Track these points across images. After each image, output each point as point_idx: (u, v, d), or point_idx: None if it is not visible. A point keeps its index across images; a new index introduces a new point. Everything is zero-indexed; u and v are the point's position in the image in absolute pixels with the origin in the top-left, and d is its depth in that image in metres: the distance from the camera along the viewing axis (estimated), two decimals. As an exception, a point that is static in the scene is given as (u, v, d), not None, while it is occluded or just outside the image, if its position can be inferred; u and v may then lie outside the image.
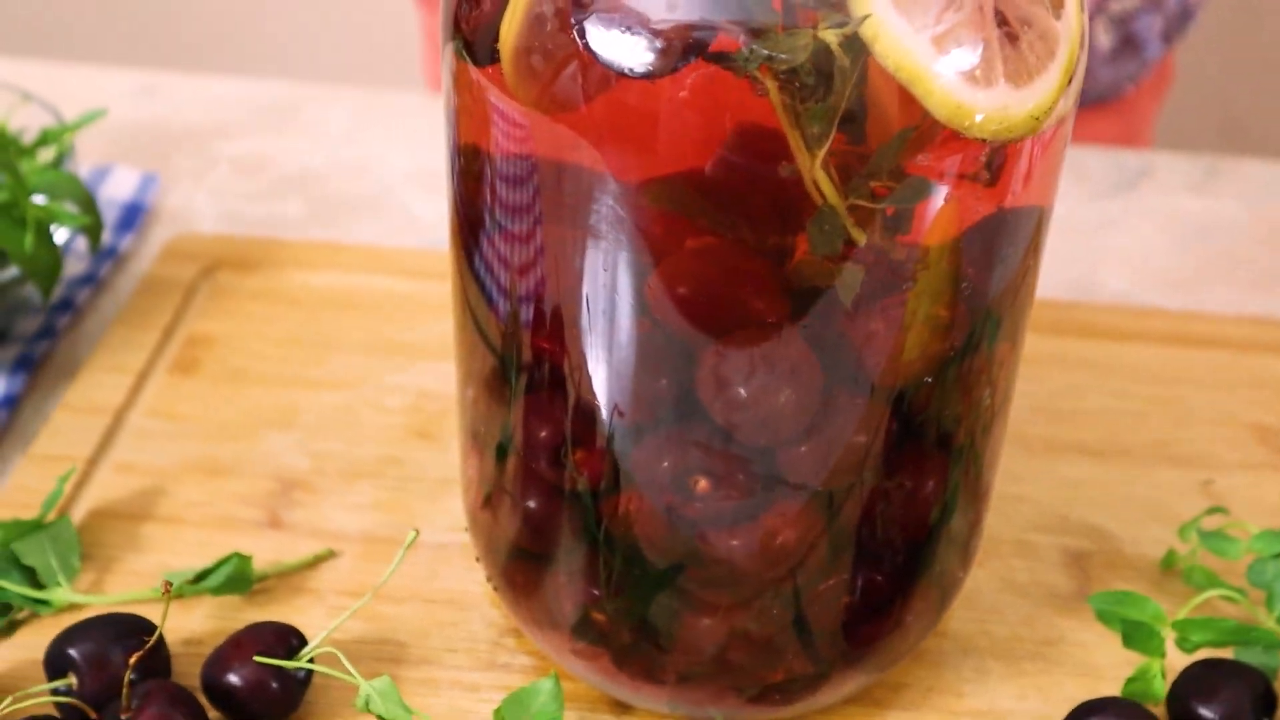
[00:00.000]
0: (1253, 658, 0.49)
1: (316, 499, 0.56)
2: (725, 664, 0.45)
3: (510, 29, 0.38)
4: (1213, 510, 0.54)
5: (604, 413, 0.42)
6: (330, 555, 0.54)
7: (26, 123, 0.69)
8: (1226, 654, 0.49)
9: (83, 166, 0.77)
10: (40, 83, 0.79)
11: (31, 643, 0.50)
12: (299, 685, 0.47)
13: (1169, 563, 0.54)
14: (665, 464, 0.41)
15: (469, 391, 0.47)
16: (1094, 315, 0.66)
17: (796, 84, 0.34)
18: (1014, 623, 0.52)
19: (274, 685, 0.46)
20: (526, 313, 0.42)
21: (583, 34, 0.37)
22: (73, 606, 0.51)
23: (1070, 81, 0.38)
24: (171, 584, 0.45)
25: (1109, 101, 0.89)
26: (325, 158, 0.81)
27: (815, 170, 0.35)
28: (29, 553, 0.52)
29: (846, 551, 0.44)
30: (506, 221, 0.41)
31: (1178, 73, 1.03)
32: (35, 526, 0.53)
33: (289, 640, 0.47)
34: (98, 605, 0.51)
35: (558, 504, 0.45)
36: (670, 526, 0.43)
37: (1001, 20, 0.36)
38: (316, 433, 0.59)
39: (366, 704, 0.43)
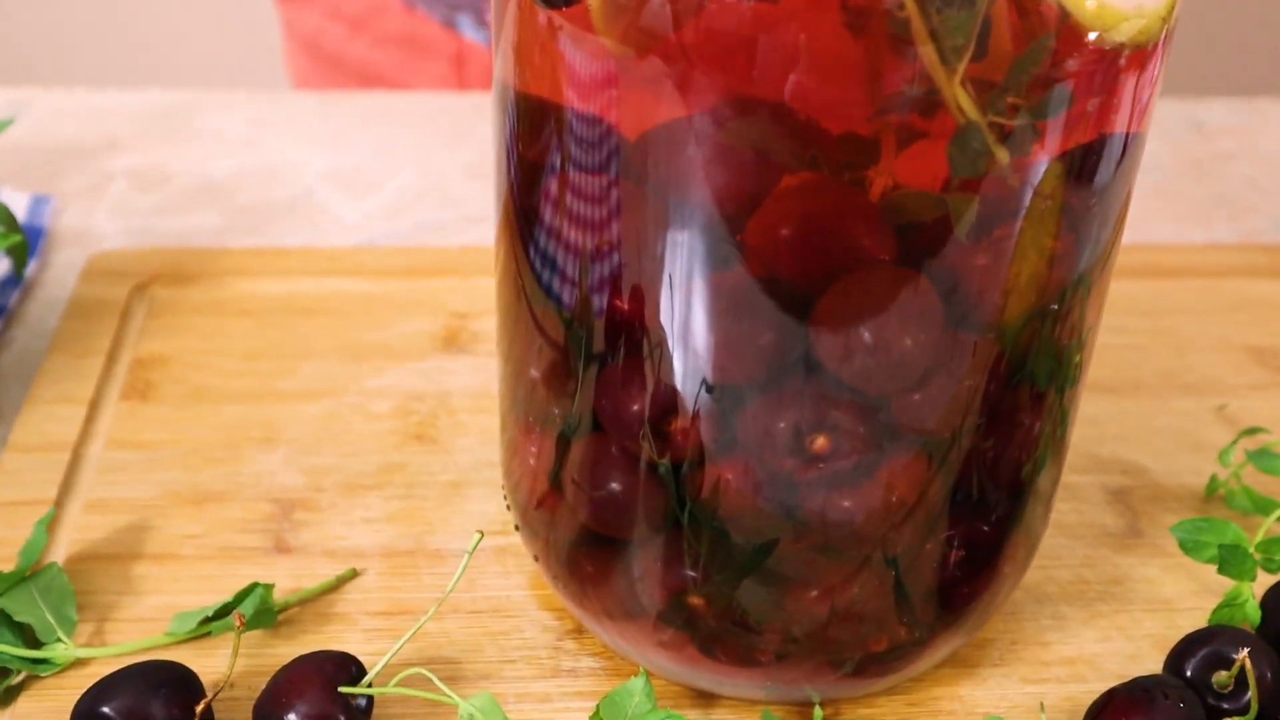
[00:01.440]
0: (1329, 573, 0.49)
1: (321, 517, 0.52)
2: (823, 639, 0.43)
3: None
4: (1249, 431, 0.53)
5: (699, 379, 0.38)
6: (353, 575, 0.50)
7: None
8: (1300, 571, 0.49)
9: (-36, 194, 0.70)
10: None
11: (39, 709, 0.44)
12: (362, 715, 0.43)
13: (1212, 489, 0.53)
14: (781, 425, 0.38)
15: (523, 381, 0.43)
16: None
17: (936, -6, 0.32)
18: (1076, 565, 0.51)
19: (341, 718, 0.42)
20: (603, 279, 0.39)
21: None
22: (78, 663, 0.46)
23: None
24: (244, 618, 0.41)
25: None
26: (230, 165, 0.76)
27: (955, 86, 0.33)
28: (20, 609, 0.46)
29: (949, 508, 0.41)
30: (580, 180, 0.38)
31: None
32: (20, 579, 0.47)
33: (349, 668, 0.43)
34: (104, 659, 0.46)
35: (638, 482, 0.41)
36: (775, 494, 0.40)
37: None
38: (305, 447, 0.55)
39: (468, 723, 0.39)
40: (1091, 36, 0.34)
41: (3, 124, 0.61)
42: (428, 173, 0.76)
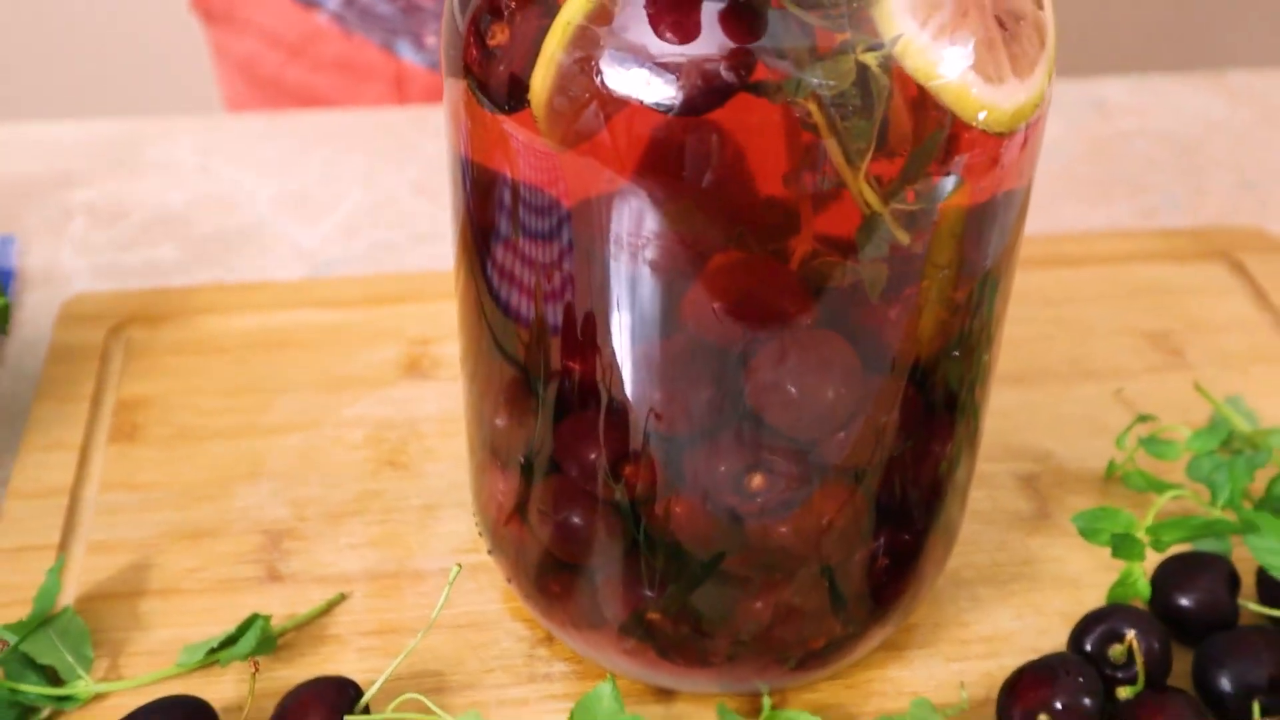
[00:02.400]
0: (1209, 546, 0.55)
1: (308, 545, 0.57)
2: (769, 640, 0.48)
3: (543, 82, 0.39)
4: (1142, 418, 0.59)
5: (646, 427, 0.44)
6: (342, 599, 0.54)
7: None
8: (1185, 548, 0.55)
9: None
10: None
11: (66, 742, 0.49)
12: (363, 734, 0.48)
13: (1110, 472, 0.59)
14: (722, 468, 0.43)
15: (487, 411, 0.48)
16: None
17: (841, 106, 0.37)
18: (991, 550, 0.57)
19: (345, 739, 0.47)
20: (555, 340, 0.44)
21: (606, 81, 0.38)
22: (98, 697, 0.51)
23: (1054, 62, 0.41)
24: (259, 663, 0.46)
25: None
26: (184, 195, 0.80)
27: (860, 182, 0.38)
28: (42, 651, 0.51)
29: (875, 520, 0.47)
30: (531, 249, 0.43)
31: None
32: (40, 623, 0.51)
33: (347, 692, 0.48)
34: (122, 691, 0.51)
35: (597, 515, 0.46)
36: (720, 523, 0.45)
37: (1000, 21, 0.39)
38: (288, 479, 0.59)
39: (461, 740, 0.45)
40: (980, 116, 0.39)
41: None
42: (376, 192, 0.80)
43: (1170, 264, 0.71)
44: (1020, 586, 0.55)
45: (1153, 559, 0.55)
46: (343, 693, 0.48)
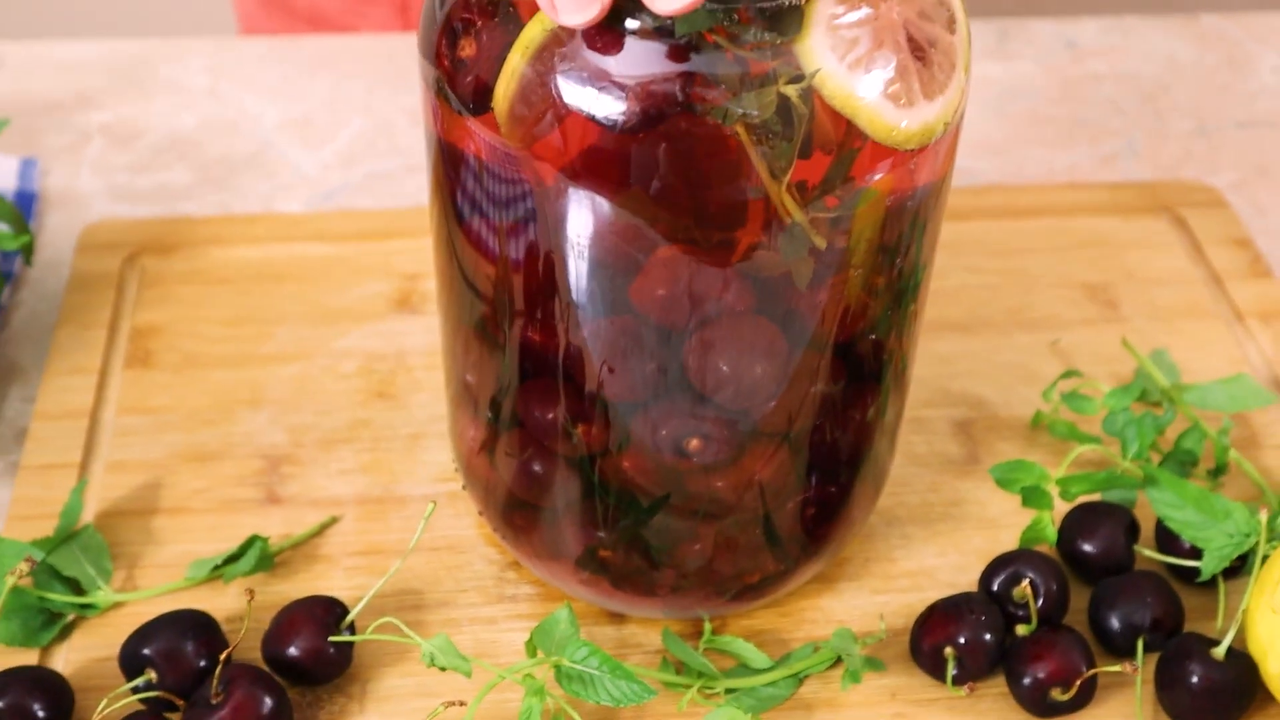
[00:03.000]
0: (1116, 497, 0.60)
1: (304, 470, 0.63)
2: (709, 574, 0.54)
3: (505, 91, 0.44)
4: (1067, 374, 0.64)
5: (598, 394, 0.49)
6: (333, 522, 0.61)
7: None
8: (1096, 498, 0.61)
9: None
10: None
11: (89, 644, 0.56)
12: (349, 647, 0.54)
13: (1036, 421, 0.65)
14: (663, 432, 0.49)
15: (459, 353, 0.53)
16: (939, 200, 0.76)
17: (765, 131, 0.42)
18: (922, 490, 0.63)
19: (331, 651, 0.53)
20: (515, 312, 0.49)
21: (562, 95, 0.43)
22: (116, 605, 0.57)
23: (967, 81, 0.46)
24: (254, 592, 0.52)
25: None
26: (195, 118, 0.84)
27: (781, 194, 0.43)
28: (66, 564, 0.57)
29: (805, 471, 0.53)
30: (489, 230, 0.48)
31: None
32: (65, 538, 0.58)
33: (334, 610, 0.54)
34: (137, 600, 0.57)
35: (555, 464, 0.52)
36: (662, 475, 0.51)
37: (912, 46, 0.44)
38: (286, 407, 0.65)
39: (431, 660, 0.51)
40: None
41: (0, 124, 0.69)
42: (376, 120, 0.85)
43: (1116, 217, 0.76)
44: (946, 526, 0.61)
45: (1067, 507, 0.61)
46: (330, 610, 0.54)
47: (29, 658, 0.55)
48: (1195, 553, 0.57)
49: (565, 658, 0.52)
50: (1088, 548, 0.58)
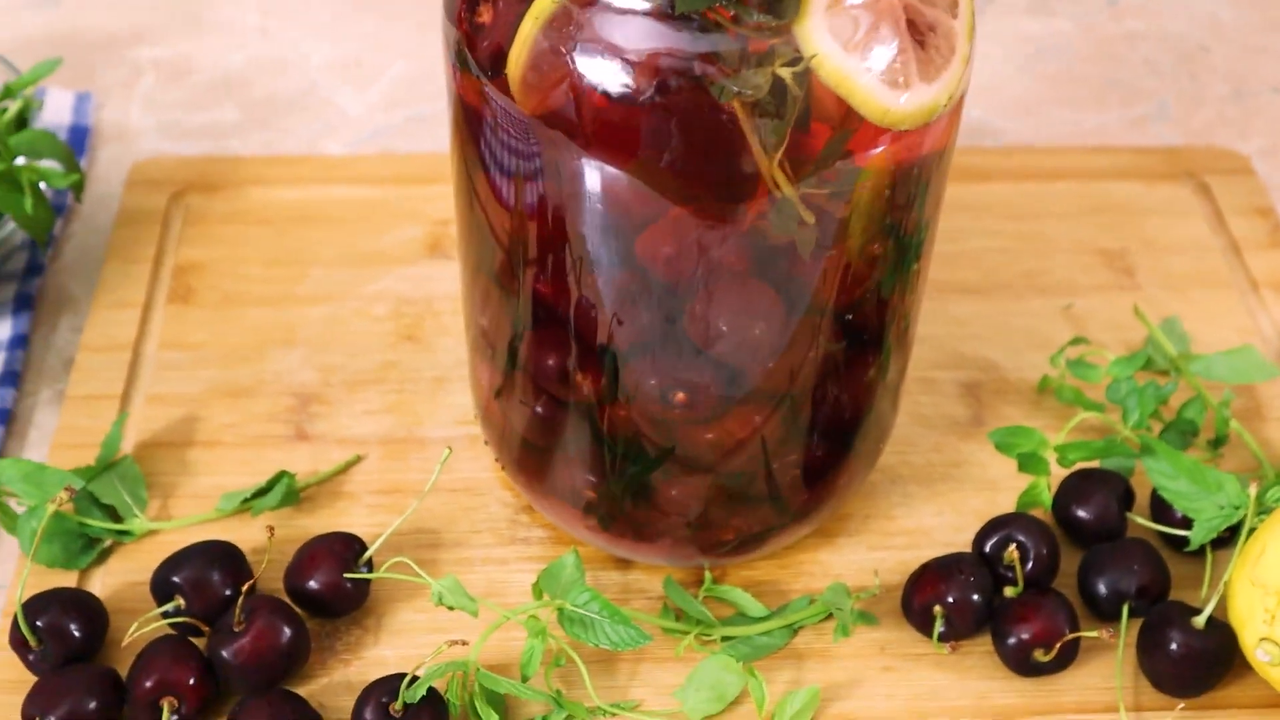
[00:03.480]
0: (1114, 464, 0.62)
1: (332, 410, 0.65)
2: (710, 524, 0.57)
3: (518, 58, 0.46)
4: (1075, 340, 0.66)
5: (600, 343, 0.51)
6: (358, 460, 0.64)
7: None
8: (1095, 465, 0.62)
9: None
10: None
11: (123, 568, 0.59)
12: (365, 582, 0.57)
13: (1043, 386, 0.66)
14: (651, 382, 0.51)
15: (477, 301, 0.56)
16: (965, 158, 0.77)
17: (759, 109, 0.44)
18: (926, 451, 0.65)
19: (348, 586, 0.56)
20: (526, 264, 0.51)
21: (574, 65, 0.45)
22: (150, 533, 0.61)
23: (968, 63, 0.47)
24: (274, 528, 0.55)
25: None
26: (244, 57, 0.87)
27: (773, 169, 0.45)
28: (105, 492, 0.60)
29: (804, 428, 0.55)
30: (506, 183, 0.50)
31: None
32: (104, 468, 0.61)
33: (353, 546, 0.57)
34: (172, 529, 0.61)
35: (563, 410, 0.55)
36: (655, 429, 0.53)
37: (913, 29, 0.45)
38: (318, 347, 0.68)
39: (439, 599, 0.54)
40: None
41: (51, 64, 0.71)
42: (419, 62, 0.87)
43: (1139, 182, 0.76)
44: (946, 487, 0.63)
45: (1063, 473, 0.63)
46: (349, 547, 0.57)
47: (68, 580, 0.59)
48: (1187, 523, 0.59)
49: (568, 602, 0.54)
50: (1081, 514, 0.60)
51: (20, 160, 0.68)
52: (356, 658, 0.57)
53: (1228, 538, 0.59)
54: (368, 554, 0.57)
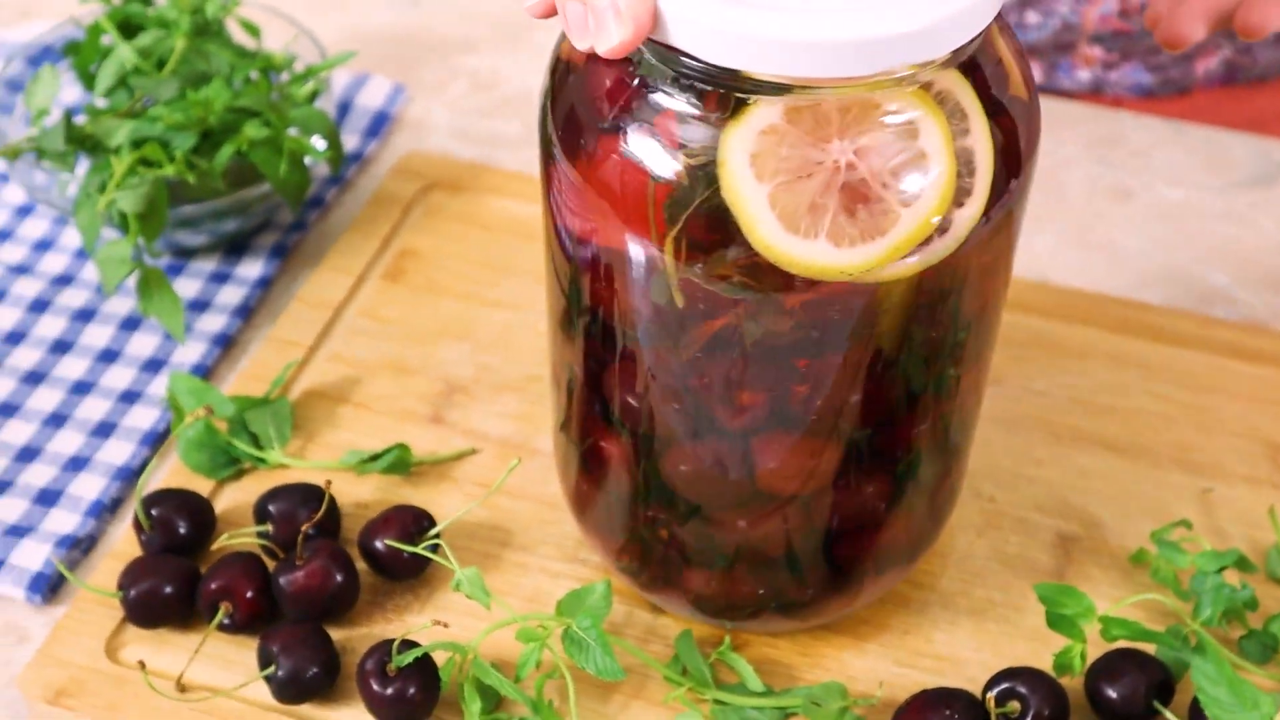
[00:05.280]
0: (1169, 656, 0.60)
1: (471, 402, 0.72)
2: (732, 589, 0.60)
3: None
4: (1179, 523, 0.63)
5: (635, 395, 0.55)
6: (472, 452, 0.70)
7: (281, 38, 0.85)
8: (1150, 649, 0.61)
9: (341, 74, 0.92)
10: None
11: (251, 488, 0.68)
12: (424, 557, 0.64)
13: (1137, 559, 0.64)
14: (682, 468, 0.55)
15: (549, 340, 0.61)
16: (1160, 319, 0.75)
17: (672, 186, 0.47)
18: (992, 588, 0.64)
19: (406, 556, 0.63)
20: (581, 314, 0.56)
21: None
22: (282, 465, 0.69)
23: (912, 254, 0.47)
24: (331, 482, 0.62)
25: (1270, 80, 0.93)
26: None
27: (667, 242, 0.49)
28: (255, 422, 0.70)
29: (823, 521, 0.57)
30: (563, 236, 0.55)
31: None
32: (263, 402, 0.70)
33: (421, 522, 0.64)
34: (299, 468, 0.69)
35: (606, 455, 0.59)
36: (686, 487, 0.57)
37: (852, 195, 0.46)
38: (483, 346, 0.75)
39: (458, 585, 0.60)
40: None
41: (346, 55, 0.82)
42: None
43: (1342, 384, 0.72)
44: (996, 627, 0.63)
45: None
46: (417, 522, 0.64)
47: (204, 486, 0.68)
48: (1218, 732, 0.56)
49: (574, 623, 0.59)
50: (1109, 690, 0.58)
51: (293, 131, 0.79)
52: (399, 619, 0.63)
53: (1257, 760, 0.56)
54: (432, 533, 0.64)
